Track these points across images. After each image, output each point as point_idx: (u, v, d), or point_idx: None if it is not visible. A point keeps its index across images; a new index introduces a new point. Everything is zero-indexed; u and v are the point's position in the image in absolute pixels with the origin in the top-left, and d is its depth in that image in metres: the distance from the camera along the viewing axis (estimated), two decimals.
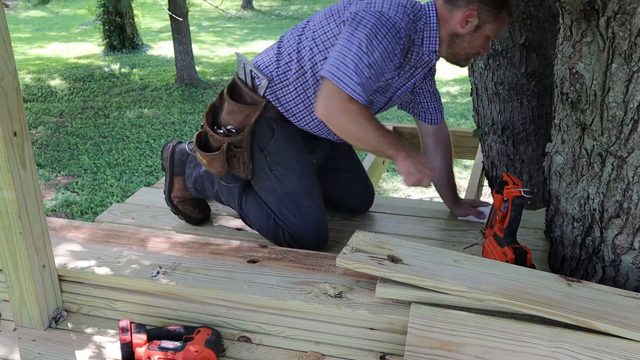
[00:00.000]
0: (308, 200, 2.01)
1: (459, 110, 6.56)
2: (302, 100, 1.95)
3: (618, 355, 1.35)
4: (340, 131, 1.81)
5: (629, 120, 1.48)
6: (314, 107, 1.88)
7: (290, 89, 1.94)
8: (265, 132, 1.99)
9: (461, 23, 1.84)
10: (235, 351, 1.58)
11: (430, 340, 1.45)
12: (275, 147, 1.99)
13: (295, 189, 2.00)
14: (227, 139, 1.97)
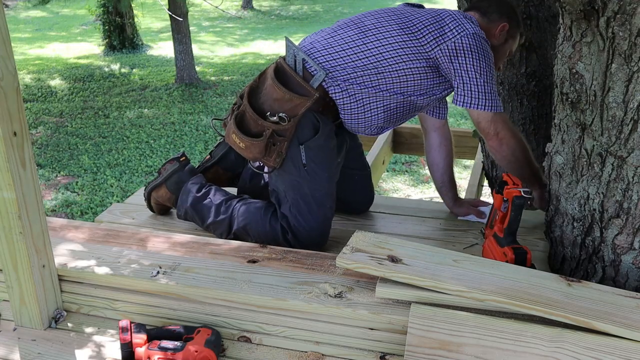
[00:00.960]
0: (330, 201, 2.02)
1: (459, 110, 6.56)
2: (375, 106, 1.98)
3: (618, 355, 1.35)
4: (508, 152, 1.97)
5: (629, 120, 1.48)
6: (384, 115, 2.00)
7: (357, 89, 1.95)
8: (308, 126, 1.94)
9: (496, 35, 1.99)
10: (235, 351, 1.58)
11: (430, 340, 1.45)
12: (315, 143, 1.95)
13: (322, 189, 1.98)
14: (273, 126, 1.91)
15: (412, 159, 5.24)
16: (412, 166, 5.16)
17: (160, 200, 2.24)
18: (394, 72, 1.92)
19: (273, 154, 1.96)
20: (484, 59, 1.88)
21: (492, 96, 1.91)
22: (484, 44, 1.90)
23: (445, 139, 2.22)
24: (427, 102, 2.03)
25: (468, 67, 1.88)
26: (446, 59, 1.90)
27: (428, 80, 1.95)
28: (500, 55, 2.05)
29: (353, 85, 1.93)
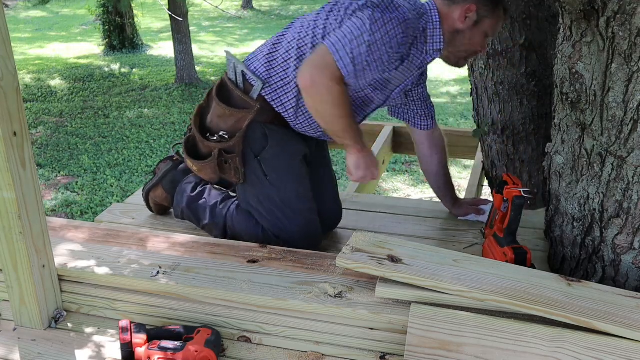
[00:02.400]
0: (304, 204, 1.99)
1: (459, 110, 6.56)
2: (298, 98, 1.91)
3: (618, 355, 1.35)
4: (315, 106, 1.78)
5: (629, 120, 1.48)
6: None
7: (292, 86, 1.89)
8: (258, 138, 1.94)
9: (460, 18, 1.84)
10: (235, 351, 1.58)
11: (430, 340, 1.45)
12: (269, 153, 1.95)
13: (291, 195, 1.97)
14: (218, 145, 1.93)
15: (412, 159, 5.24)
16: (412, 166, 5.16)
17: (158, 201, 2.24)
18: (311, 48, 1.84)
19: (230, 171, 1.97)
20: (375, 17, 1.71)
21: (348, 47, 1.69)
22: (395, 12, 1.74)
23: (435, 146, 2.18)
24: (380, 94, 1.93)
25: (350, 15, 1.76)
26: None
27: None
28: (473, 40, 1.89)
29: (289, 89, 1.90)
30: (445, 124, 6.09)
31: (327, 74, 1.70)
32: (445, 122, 6.16)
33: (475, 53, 1.95)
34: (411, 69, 1.91)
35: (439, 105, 6.77)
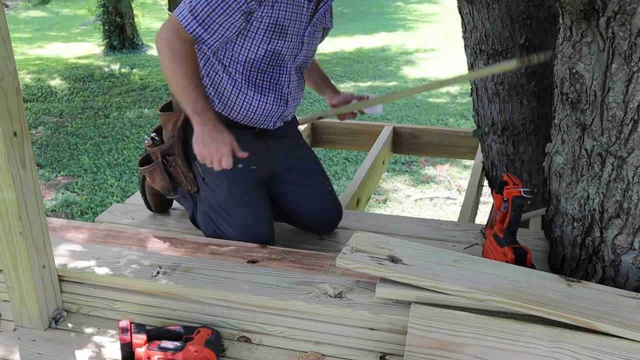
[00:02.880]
0: (239, 208, 1.96)
1: (459, 110, 6.56)
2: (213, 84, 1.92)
3: (618, 355, 1.35)
4: (160, 62, 1.79)
5: (629, 120, 1.48)
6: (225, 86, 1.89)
7: (205, 80, 1.91)
8: (191, 139, 1.93)
9: None
10: (235, 351, 1.58)
11: (430, 341, 1.45)
12: None
13: (225, 197, 1.96)
14: (157, 149, 1.97)
15: (412, 159, 5.24)
16: (412, 166, 5.16)
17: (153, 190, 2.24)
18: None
19: (179, 176, 1.99)
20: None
21: (188, 6, 1.72)
22: None
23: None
24: (284, 42, 1.86)
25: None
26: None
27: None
28: None
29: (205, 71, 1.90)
30: (445, 124, 6.09)
31: (169, 28, 1.75)
32: (445, 122, 6.16)
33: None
34: (296, 5, 1.83)
35: (439, 105, 6.77)
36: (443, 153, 3.55)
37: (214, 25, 1.73)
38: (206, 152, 1.78)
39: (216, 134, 1.78)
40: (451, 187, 4.74)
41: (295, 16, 1.85)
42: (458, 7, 2.54)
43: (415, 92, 2.49)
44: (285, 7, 1.81)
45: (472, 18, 2.47)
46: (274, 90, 1.95)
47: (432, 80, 7.80)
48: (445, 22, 11.82)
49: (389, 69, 8.51)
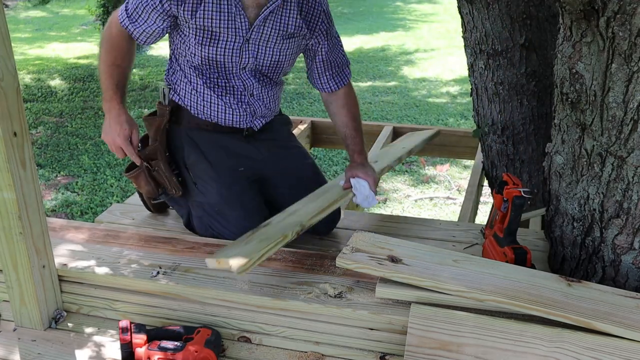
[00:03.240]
0: (233, 210, 1.96)
1: (459, 110, 6.56)
2: (183, 92, 1.97)
3: (618, 355, 1.35)
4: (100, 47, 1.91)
5: (629, 120, 1.48)
6: (195, 85, 1.94)
7: (178, 75, 1.97)
8: (180, 145, 2.00)
9: None
10: (235, 351, 1.58)
11: (430, 341, 1.45)
12: (190, 159, 1.99)
13: (217, 201, 1.96)
14: (140, 154, 1.98)
15: (412, 159, 5.23)
16: (412, 166, 5.16)
17: None
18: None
19: (163, 180, 2.00)
20: None
21: (125, 4, 1.87)
22: None
23: (343, 107, 2.06)
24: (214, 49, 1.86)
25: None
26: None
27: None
28: None
29: (178, 78, 1.98)
30: (445, 124, 6.09)
31: (112, 16, 1.92)
32: (445, 122, 6.16)
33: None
34: (224, 12, 1.81)
35: (439, 105, 6.77)
36: (443, 153, 3.55)
37: (139, 20, 1.86)
38: (107, 139, 1.91)
39: (114, 125, 1.89)
40: (451, 187, 4.74)
41: (226, 23, 1.83)
42: (458, 7, 2.54)
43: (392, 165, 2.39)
44: (210, 15, 1.80)
45: (472, 18, 2.47)
46: (231, 93, 1.97)
47: (432, 81, 7.80)
48: (445, 22, 11.81)
49: (389, 69, 8.51)
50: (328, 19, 1.98)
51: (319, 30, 1.96)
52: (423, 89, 7.48)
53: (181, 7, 1.80)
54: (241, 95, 1.97)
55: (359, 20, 12.34)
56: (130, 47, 1.94)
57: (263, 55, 1.93)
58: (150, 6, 1.82)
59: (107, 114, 1.90)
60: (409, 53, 9.44)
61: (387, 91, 7.35)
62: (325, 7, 1.97)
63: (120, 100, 1.91)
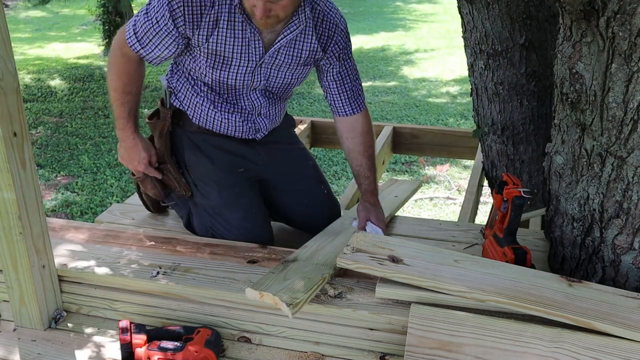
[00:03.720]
0: (234, 212, 1.95)
1: (459, 110, 6.56)
2: (188, 102, 1.95)
3: (618, 355, 1.35)
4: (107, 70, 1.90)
5: (628, 120, 1.48)
6: (198, 93, 1.92)
7: (181, 82, 1.95)
8: (181, 147, 2.00)
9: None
10: (235, 351, 1.58)
11: (430, 341, 1.45)
12: (190, 161, 1.99)
13: (217, 203, 1.96)
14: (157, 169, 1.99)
15: (412, 159, 5.24)
16: (412, 166, 5.16)
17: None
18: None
19: (172, 182, 2.01)
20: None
21: (133, 19, 1.79)
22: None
23: (352, 131, 2.00)
24: (227, 73, 1.84)
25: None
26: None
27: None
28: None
29: (180, 86, 1.96)
30: (445, 124, 6.09)
31: (116, 39, 1.85)
32: (445, 122, 6.16)
33: (251, 11, 1.68)
34: (239, 37, 1.77)
35: (439, 105, 6.77)
36: (443, 153, 3.55)
37: (150, 45, 1.78)
38: (126, 164, 1.97)
39: (132, 154, 1.94)
40: (451, 187, 4.74)
41: (240, 48, 1.79)
42: (458, 7, 2.54)
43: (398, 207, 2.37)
44: (224, 40, 1.76)
45: (472, 18, 2.47)
46: (237, 111, 1.95)
47: (432, 81, 7.79)
48: (445, 22, 11.81)
49: (389, 69, 8.51)
50: (344, 39, 1.91)
51: (331, 51, 1.90)
52: (423, 89, 7.48)
53: (197, 31, 1.74)
54: (249, 114, 1.97)
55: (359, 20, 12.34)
56: (140, 70, 1.89)
57: (275, 78, 1.91)
58: (164, 31, 1.74)
59: (122, 142, 1.93)
60: (409, 53, 9.44)
61: (387, 91, 7.35)
62: (343, 27, 1.90)
63: (134, 129, 1.91)
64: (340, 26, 1.89)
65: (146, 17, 1.75)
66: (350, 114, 1.99)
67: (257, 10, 1.64)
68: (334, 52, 1.90)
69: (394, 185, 2.53)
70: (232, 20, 1.74)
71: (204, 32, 1.74)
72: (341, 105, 1.99)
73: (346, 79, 1.96)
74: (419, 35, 10.82)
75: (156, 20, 1.73)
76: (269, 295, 1.47)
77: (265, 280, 1.54)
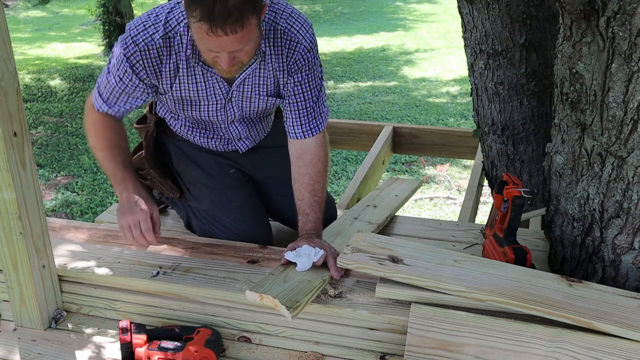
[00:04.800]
0: (227, 215, 1.93)
1: (459, 110, 6.56)
2: (170, 116, 1.95)
3: (618, 355, 1.35)
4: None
5: (629, 120, 1.48)
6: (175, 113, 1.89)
7: (162, 111, 1.95)
8: (168, 152, 2.00)
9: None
10: (235, 351, 1.58)
11: (430, 340, 1.45)
12: (180, 166, 1.99)
13: (210, 207, 1.94)
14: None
15: (412, 158, 5.24)
16: (412, 166, 5.16)
17: None
18: None
19: (158, 186, 2.01)
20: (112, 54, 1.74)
21: (98, 83, 1.78)
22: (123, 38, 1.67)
23: (301, 159, 1.83)
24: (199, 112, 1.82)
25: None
26: None
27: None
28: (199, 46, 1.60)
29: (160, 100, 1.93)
30: (445, 123, 6.09)
31: (88, 102, 1.83)
32: (445, 122, 6.16)
33: (213, 63, 1.62)
34: (201, 82, 1.73)
35: (439, 105, 6.77)
36: (443, 153, 3.55)
37: (119, 102, 1.78)
38: (123, 221, 1.75)
39: (133, 205, 1.75)
40: (451, 187, 4.74)
41: (205, 92, 1.76)
42: (458, 7, 2.54)
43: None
44: (186, 87, 1.73)
45: (472, 18, 2.47)
46: (217, 137, 1.95)
47: (432, 81, 7.79)
48: (445, 22, 11.81)
49: (389, 69, 8.51)
50: (305, 56, 1.75)
51: (291, 68, 1.77)
52: (423, 88, 7.48)
53: (160, 80, 1.72)
54: (229, 140, 1.96)
55: (359, 20, 12.34)
56: (120, 124, 1.86)
57: (248, 108, 1.85)
58: (131, 86, 1.73)
59: (120, 195, 1.80)
60: (409, 53, 9.44)
61: (387, 91, 7.35)
62: (306, 43, 1.74)
63: (134, 181, 1.82)
64: (303, 43, 1.74)
65: (108, 77, 1.74)
66: (300, 137, 1.83)
67: (221, 61, 1.57)
68: (293, 68, 1.76)
69: (394, 184, 2.53)
70: (190, 67, 1.70)
71: (166, 80, 1.72)
72: (291, 124, 1.83)
73: (300, 96, 1.80)
74: (419, 35, 10.82)
75: (119, 78, 1.72)
76: (269, 297, 1.47)
77: (265, 282, 1.54)
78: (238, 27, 1.46)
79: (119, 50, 1.68)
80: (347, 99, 7.02)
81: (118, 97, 1.77)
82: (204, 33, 1.47)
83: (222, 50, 1.54)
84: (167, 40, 1.66)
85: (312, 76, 1.80)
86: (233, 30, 1.46)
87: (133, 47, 1.65)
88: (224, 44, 1.50)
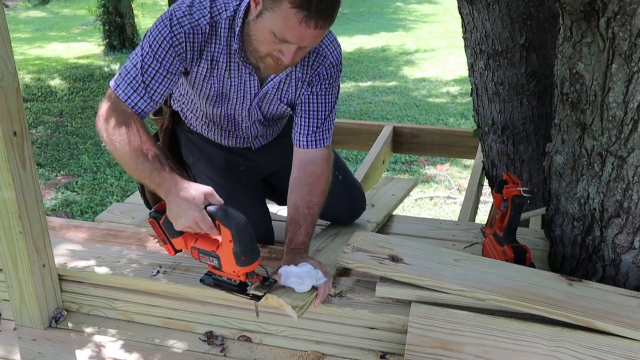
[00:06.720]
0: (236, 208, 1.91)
1: (459, 110, 6.56)
2: (190, 112, 1.93)
3: (619, 354, 1.35)
4: (106, 144, 1.55)
5: (629, 120, 1.48)
6: (193, 103, 1.83)
7: (181, 99, 1.92)
8: (181, 144, 2.00)
9: (252, 6, 1.52)
10: (236, 350, 1.58)
11: (430, 340, 1.45)
12: (190, 159, 2.00)
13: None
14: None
15: (412, 158, 5.24)
16: (412, 166, 5.16)
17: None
18: None
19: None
20: (146, 37, 1.61)
21: (122, 73, 1.60)
22: (164, 22, 1.58)
23: (305, 175, 1.77)
24: (224, 109, 1.79)
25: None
26: None
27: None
28: (258, 36, 1.54)
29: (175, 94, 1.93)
30: (445, 123, 6.10)
31: (106, 109, 1.57)
32: (446, 121, 6.17)
33: (270, 56, 1.55)
34: (235, 77, 1.71)
35: (439, 105, 6.78)
36: (443, 153, 3.55)
37: (159, 89, 1.61)
38: (181, 223, 1.46)
39: (184, 200, 1.44)
40: (451, 187, 4.74)
41: (236, 87, 1.73)
42: (458, 7, 2.54)
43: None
44: (221, 80, 1.70)
45: (472, 18, 2.47)
46: (233, 136, 1.95)
47: (432, 81, 7.79)
48: (445, 22, 11.82)
49: (389, 69, 8.52)
50: (329, 71, 1.75)
51: (315, 82, 1.76)
52: (423, 89, 7.49)
53: (198, 68, 1.66)
54: (244, 139, 1.97)
55: (359, 20, 12.34)
56: (145, 124, 1.63)
57: (267, 111, 1.85)
58: (172, 70, 1.59)
59: (167, 197, 1.48)
60: (409, 53, 9.44)
61: (387, 91, 7.35)
62: (333, 59, 1.74)
63: (179, 172, 1.54)
64: (330, 58, 1.74)
65: (143, 63, 1.58)
66: (304, 147, 1.79)
67: (287, 54, 1.51)
68: (314, 80, 1.76)
69: (390, 184, 2.53)
70: (232, 61, 1.66)
71: (203, 69, 1.66)
72: (299, 131, 1.79)
73: (314, 106, 1.78)
74: (419, 36, 10.82)
75: (158, 62, 1.58)
76: (274, 297, 1.47)
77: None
78: (327, 24, 1.47)
79: (159, 33, 1.57)
80: (348, 99, 7.03)
81: (160, 82, 1.59)
82: (295, 20, 1.41)
83: (298, 43, 1.49)
84: (213, 29, 1.62)
85: (330, 91, 1.79)
86: (323, 25, 1.45)
87: (178, 28, 1.57)
88: (307, 36, 1.46)
